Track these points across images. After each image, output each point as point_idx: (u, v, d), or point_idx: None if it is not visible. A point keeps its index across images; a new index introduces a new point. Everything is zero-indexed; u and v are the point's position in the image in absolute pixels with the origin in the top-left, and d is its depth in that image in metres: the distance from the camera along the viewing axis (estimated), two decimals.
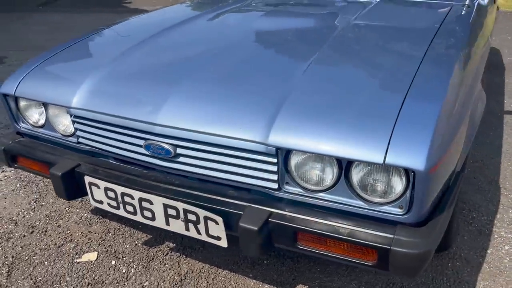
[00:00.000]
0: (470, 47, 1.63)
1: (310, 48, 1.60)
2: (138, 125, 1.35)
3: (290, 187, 1.25)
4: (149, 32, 1.91)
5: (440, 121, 1.14)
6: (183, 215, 1.32)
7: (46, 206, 2.10)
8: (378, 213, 1.16)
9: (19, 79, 1.65)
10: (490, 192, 2.23)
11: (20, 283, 1.63)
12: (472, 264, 1.74)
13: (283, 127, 1.20)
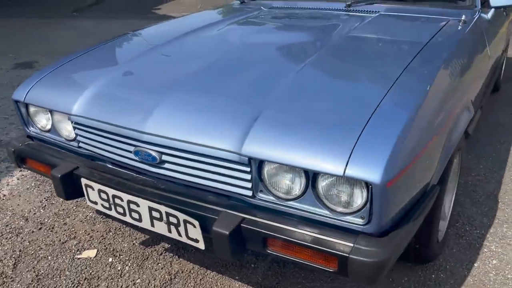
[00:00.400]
0: (453, 64, 1.66)
1: (296, 62, 1.68)
2: (128, 133, 1.46)
3: (263, 195, 1.33)
4: (152, 43, 2.03)
5: (402, 137, 1.19)
6: (165, 218, 1.41)
7: (56, 205, 2.24)
8: (341, 223, 1.22)
9: (29, 87, 1.79)
10: (487, 206, 2.23)
11: (24, 275, 1.77)
12: (456, 276, 1.77)
13: (256, 138, 1.27)
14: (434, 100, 1.42)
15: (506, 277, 1.76)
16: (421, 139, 1.28)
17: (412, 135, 1.23)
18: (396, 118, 1.25)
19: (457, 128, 1.57)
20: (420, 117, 1.31)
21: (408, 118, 1.25)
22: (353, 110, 1.31)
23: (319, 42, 1.96)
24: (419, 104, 1.34)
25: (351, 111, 1.31)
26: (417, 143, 1.25)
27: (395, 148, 1.16)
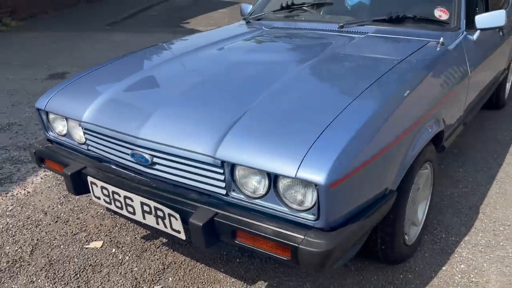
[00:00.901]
0: (418, 81, 1.84)
1: (279, 76, 1.89)
2: (126, 138, 1.71)
3: (235, 193, 1.54)
4: (159, 60, 2.30)
5: (349, 145, 1.38)
6: (154, 211, 1.64)
7: (72, 202, 2.51)
8: (297, 218, 1.42)
9: (49, 97, 2.07)
10: (468, 216, 2.36)
11: (38, 260, 2.03)
12: (423, 277, 1.92)
13: (229, 145, 1.49)
14: (391, 113, 1.61)
15: (470, 280, 1.90)
16: (371, 148, 1.46)
17: (360, 144, 1.42)
18: (347, 128, 1.45)
19: (417, 140, 1.74)
20: (372, 127, 1.50)
21: (359, 128, 1.45)
22: (315, 120, 1.51)
23: (306, 58, 2.16)
24: (373, 116, 1.53)
25: (313, 121, 1.51)
26: (366, 151, 1.44)
27: (341, 155, 1.35)
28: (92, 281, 1.90)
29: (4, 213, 2.40)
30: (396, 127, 1.61)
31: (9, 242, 2.16)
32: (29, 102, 4.26)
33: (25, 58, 6.27)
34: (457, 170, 2.88)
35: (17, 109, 4.09)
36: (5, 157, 3.08)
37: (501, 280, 1.89)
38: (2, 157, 3.07)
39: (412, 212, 1.98)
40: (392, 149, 1.58)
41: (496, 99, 3.81)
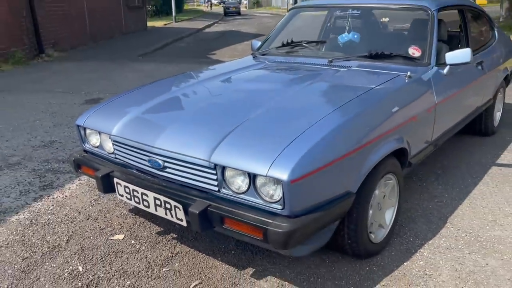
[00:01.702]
0: (379, 105, 2.27)
1: (272, 98, 2.37)
2: (145, 147, 2.19)
3: (225, 190, 1.99)
4: (177, 86, 2.83)
5: (309, 152, 1.82)
6: (163, 204, 2.11)
7: (101, 204, 3.01)
8: (270, 208, 1.85)
9: (87, 116, 2.60)
10: (436, 225, 2.72)
11: (72, 247, 2.51)
12: (386, 269, 2.30)
13: (221, 152, 1.95)
14: (351, 128, 2.04)
15: (425, 273, 2.26)
16: (329, 155, 1.89)
17: (319, 151, 1.86)
18: (309, 140, 1.88)
19: (375, 153, 2.15)
20: (332, 139, 1.93)
21: (318, 140, 1.89)
22: (287, 133, 1.96)
23: (295, 86, 2.64)
24: (333, 130, 1.97)
25: (286, 134, 1.95)
26: (324, 158, 1.87)
27: (301, 159, 1.79)
28: (114, 263, 2.36)
29: (46, 211, 2.92)
30: (354, 140, 2.03)
31: (50, 233, 2.66)
32: (68, 123, 4.87)
33: (66, 85, 6.98)
34: (436, 187, 3.24)
35: (58, 129, 4.68)
36: (47, 168, 3.63)
37: (451, 274, 2.25)
38: (45, 168, 3.62)
39: (378, 216, 2.38)
40: (350, 157, 2.00)
41: (485, 127, 4.16)
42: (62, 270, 2.30)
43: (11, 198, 3.10)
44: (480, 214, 2.84)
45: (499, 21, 15.18)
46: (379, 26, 3.45)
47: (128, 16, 15.49)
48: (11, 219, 2.82)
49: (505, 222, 2.73)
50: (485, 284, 2.16)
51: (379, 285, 2.17)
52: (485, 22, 4.14)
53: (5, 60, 8.50)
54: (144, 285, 2.18)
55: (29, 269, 2.31)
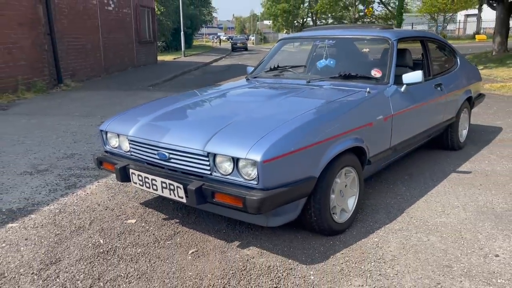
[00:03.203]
0: (338, 112, 2.90)
1: (253, 107, 3.01)
2: (154, 143, 2.81)
3: (215, 173, 2.59)
4: (182, 99, 3.47)
5: (278, 141, 2.43)
6: (168, 186, 2.71)
7: (117, 199, 3.61)
8: (248, 184, 2.44)
9: (108, 122, 3.24)
10: (394, 214, 3.28)
11: (94, 227, 3.10)
12: (345, 243, 2.85)
13: (213, 143, 2.56)
14: (313, 127, 2.66)
15: (377, 246, 2.81)
16: (294, 145, 2.49)
17: (286, 142, 2.46)
18: (280, 132, 2.50)
19: (335, 147, 2.75)
20: (298, 133, 2.54)
21: (286, 133, 2.50)
22: (265, 127, 2.57)
23: (277, 97, 3.28)
24: (300, 127, 2.58)
25: (263, 128, 2.57)
26: (289, 146, 2.47)
27: (271, 146, 2.39)
28: (128, 238, 2.94)
29: (71, 204, 3.52)
30: (316, 136, 2.63)
31: (75, 218, 3.25)
32: (86, 140, 5.53)
33: (83, 110, 7.70)
34: (401, 188, 3.81)
35: (78, 144, 5.34)
36: (71, 173, 4.26)
37: (398, 246, 2.80)
38: (68, 173, 4.25)
39: (341, 201, 2.95)
40: (312, 148, 2.60)
41: (451, 142, 4.75)
42: (87, 242, 2.88)
43: (42, 195, 3.72)
44: (433, 207, 3.40)
45: (492, 54, 15.93)
46: (350, 52, 4.12)
47: (139, 50, 16.46)
48: (43, 209, 3.43)
49: (451, 212, 3.29)
50: (423, 252, 2.71)
51: (339, 254, 2.72)
52: (447, 51, 4.80)
53: (28, 89, 9.29)
54: (152, 252, 2.75)
55: (60, 241, 2.90)
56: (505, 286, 2.35)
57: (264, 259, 2.66)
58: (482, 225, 3.06)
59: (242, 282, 2.42)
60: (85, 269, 2.56)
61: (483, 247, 2.76)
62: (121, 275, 2.49)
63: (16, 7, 9.04)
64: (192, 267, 2.58)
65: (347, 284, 2.40)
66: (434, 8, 43.68)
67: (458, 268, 2.53)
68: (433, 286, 2.37)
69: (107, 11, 13.57)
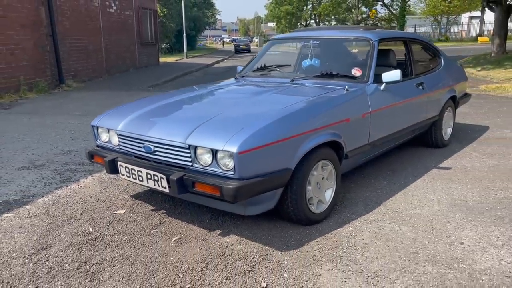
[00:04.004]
0: (314, 108, 3.05)
1: (238, 102, 3.17)
2: (140, 137, 2.98)
3: (196, 164, 2.75)
4: (171, 96, 3.64)
5: (253, 134, 2.59)
6: (153, 177, 2.87)
7: (109, 192, 3.78)
8: (226, 174, 2.60)
9: (99, 118, 3.41)
10: (371, 206, 3.43)
11: (85, 217, 3.27)
12: (321, 232, 3.00)
13: (193, 136, 2.73)
14: (289, 122, 2.81)
15: (351, 234, 2.96)
16: (269, 138, 2.65)
17: (261, 135, 2.63)
18: (256, 126, 2.66)
19: (310, 141, 2.91)
20: (272, 127, 2.71)
21: (262, 127, 2.66)
22: (242, 122, 2.74)
23: (260, 94, 3.45)
24: (275, 121, 2.75)
25: (241, 123, 2.74)
26: (264, 139, 2.63)
27: (247, 139, 2.56)
28: (116, 227, 3.11)
29: (65, 196, 3.70)
30: (292, 129, 2.79)
31: (68, 209, 3.43)
32: (84, 138, 5.72)
33: (82, 109, 7.90)
34: (381, 183, 3.96)
35: (75, 142, 5.53)
36: (66, 168, 4.44)
37: (370, 235, 2.95)
38: (64, 168, 4.43)
39: (318, 193, 3.11)
40: (288, 141, 2.75)
41: (435, 139, 4.89)
42: (77, 230, 3.05)
43: (37, 188, 3.90)
44: (409, 200, 3.55)
45: (490, 56, 16.03)
46: (334, 52, 4.28)
47: (141, 52, 16.68)
48: (38, 200, 3.61)
49: (426, 204, 3.43)
50: (393, 240, 2.86)
51: (314, 241, 2.88)
52: (431, 52, 4.95)
53: (30, 89, 9.50)
54: (137, 239, 2.92)
55: (52, 229, 3.07)
56: (465, 270, 2.50)
57: (242, 246, 2.82)
58: (453, 216, 3.20)
59: (219, 266, 2.58)
60: (73, 254, 2.73)
61: (450, 235, 2.91)
62: (106, 259, 2.66)
63: (18, 9, 9.26)
64: (174, 253, 2.74)
65: (318, 268, 2.56)
66: (437, 11, 43.80)
67: (423, 254, 2.68)
68: (398, 270, 2.52)
69: (109, 13, 13.80)
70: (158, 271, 2.53)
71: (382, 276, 2.47)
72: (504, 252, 2.69)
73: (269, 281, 2.44)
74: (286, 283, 2.42)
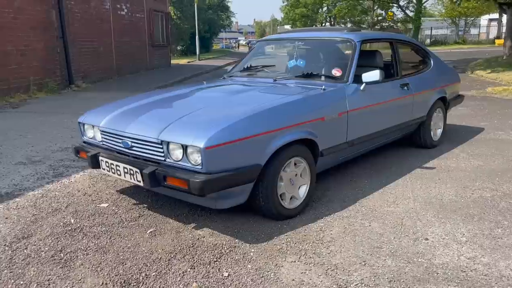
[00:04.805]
0: (290, 106, 3.15)
1: (214, 101, 3.29)
2: (119, 133, 3.12)
3: (169, 159, 2.87)
4: (156, 94, 3.78)
5: (221, 130, 2.70)
6: (129, 171, 3.00)
7: (96, 187, 3.93)
8: (194, 168, 2.71)
9: (85, 115, 3.57)
10: (347, 203, 3.50)
11: (70, 210, 3.41)
12: (292, 227, 3.09)
13: (166, 132, 2.85)
14: (260, 119, 2.92)
15: (321, 229, 3.04)
16: (237, 135, 2.75)
17: (228, 131, 2.73)
18: (224, 123, 2.77)
19: (280, 139, 2.99)
20: (241, 124, 2.81)
21: (231, 124, 2.77)
22: (213, 119, 2.86)
23: (241, 93, 3.56)
24: (245, 118, 2.85)
25: (211, 119, 2.85)
26: (231, 136, 2.73)
27: (214, 135, 2.66)
28: (97, 219, 3.24)
29: (54, 190, 3.86)
30: (262, 127, 2.88)
31: (54, 202, 3.58)
32: None
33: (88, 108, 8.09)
34: (363, 181, 4.02)
35: (74, 139, 5.70)
36: (61, 164, 4.61)
37: (340, 230, 3.03)
38: (59, 164, 4.61)
39: (291, 189, 3.19)
40: (257, 138, 2.85)
41: (423, 140, 4.93)
42: (59, 221, 3.20)
43: (30, 182, 4.07)
44: (386, 198, 3.61)
45: (502, 58, 15.85)
46: (317, 53, 4.36)
47: (152, 53, 16.94)
48: (28, 193, 3.77)
49: (401, 203, 3.49)
50: (360, 235, 2.94)
51: (283, 235, 2.97)
52: (421, 53, 4.99)
53: (40, 89, 9.78)
54: (115, 231, 3.05)
55: (36, 220, 3.23)
56: (423, 264, 2.56)
57: (213, 238, 2.92)
58: (424, 214, 3.26)
59: (187, 257, 2.69)
60: (51, 243, 2.87)
61: (417, 232, 2.97)
62: (81, 248, 2.80)
63: (29, 12, 9.55)
64: (146, 244, 2.86)
65: (282, 260, 2.65)
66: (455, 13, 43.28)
67: (386, 248, 2.75)
68: (358, 263, 2.60)
69: (120, 15, 14.07)
70: (128, 260, 2.65)
71: (342, 268, 2.55)
72: (466, 248, 2.74)
73: (232, 271, 2.54)
74: (248, 273, 2.52)
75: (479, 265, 2.54)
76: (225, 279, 2.46)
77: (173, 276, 2.49)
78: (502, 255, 2.64)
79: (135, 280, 2.44)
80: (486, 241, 2.82)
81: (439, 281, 2.39)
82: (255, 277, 2.48)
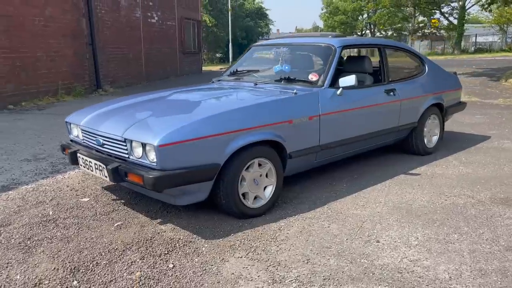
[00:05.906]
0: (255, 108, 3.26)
1: (184, 104, 3.44)
2: (93, 131, 3.33)
3: (132, 156, 3.03)
4: (141, 97, 3.97)
5: (176, 130, 2.84)
6: (98, 167, 3.19)
7: (86, 183, 4.16)
8: (150, 165, 2.87)
9: (71, 115, 3.81)
10: (317, 206, 3.54)
11: (54, 202, 3.65)
12: (252, 225, 3.17)
13: (129, 131, 3.03)
14: (219, 120, 3.04)
15: (279, 228, 3.11)
16: (191, 134, 2.88)
17: (183, 131, 2.87)
18: (182, 122, 2.91)
19: (241, 139, 3.09)
20: (195, 125, 2.94)
21: (187, 123, 2.91)
22: (172, 119, 3.02)
23: (220, 95, 3.70)
24: (204, 119, 2.99)
25: (170, 120, 3.01)
26: (187, 135, 2.87)
27: (168, 134, 2.81)
28: (74, 212, 3.45)
29: (46, 184, 4.12)
30: (221, 127, 3.00)
31: (42, 195, 3.83)
32: None
33: None
34: (342, 185, 4.05)
35: None
36: (62, 162, 4.90)
37: (297, 230, 3.09)
38: (60, 162, 4.89)
39: (255, 189, 3.29)
40: (215, 138, 2.96)
41: (416, 147, 4.88)
42: (39, 213, 3.43)
43: (28, 177, 4.36)
44: (357, 201, 3.62)
45: None
46: (301, 58, 4.44)
47: (183, 60, 17.40)
48: (22, 187, 4.05)
49: (369, 206, 3.50)
50: (315, 236, 2.99)
51: (241, 233, 3.06)
52: (413, 59, 4.95)
53: (68, 93, 10.30)
54: (86, 223, 3.24)
55: (19, 211, 3.47)
56: (363, 265, 2.59)
57: (172, 233, 3.06)
58: (387, 218, 3.26)
59: (141, 249, 2.84)
60: (24, 231, 3.09)
61: (372, 235, 2.99)
62: (47, 237, 3.00)
63: (60, 20, 10.10)
64: (110, 236, 3.03)
65: (230, 255, 2.75)
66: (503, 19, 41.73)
67: (335, 249, 2.80)
68: (302, 261, 2.66)
69: (150, 23, 14.58)
70: (86, 249, 2.83)
71: (284, 265, 2.62)
72: (413, 251, 2.74)
73: (178, 263, 2.66)
74: (192, 266, 2.63)
75: (419, 267, 2.54)
76: (169, 270, 2.59)
77: (121, 265, 2.64)
78: (446, 259, 2.63)
79: (84, 267, 2.61)
80: (437, 245, 2.81)
81: (372, 281, 2.42)
82: (198, 270, 2.59)
